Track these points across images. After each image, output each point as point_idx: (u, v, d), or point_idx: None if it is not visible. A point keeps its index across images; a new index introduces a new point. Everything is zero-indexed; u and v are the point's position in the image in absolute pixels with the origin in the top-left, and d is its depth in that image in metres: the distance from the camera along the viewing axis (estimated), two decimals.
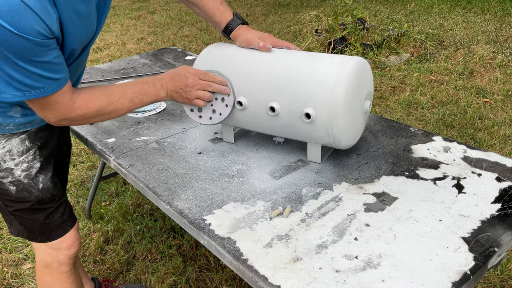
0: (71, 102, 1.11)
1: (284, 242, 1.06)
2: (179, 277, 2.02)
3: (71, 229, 1.41)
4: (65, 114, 1.12)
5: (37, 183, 1.28)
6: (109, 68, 2.24)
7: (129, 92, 1.21)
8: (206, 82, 1.30)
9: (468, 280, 0.93)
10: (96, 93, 1.17)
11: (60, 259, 1.41)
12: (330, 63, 1.26)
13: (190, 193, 1.26)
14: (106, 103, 1.17)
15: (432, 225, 1.09)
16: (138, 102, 1.23)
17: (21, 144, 1.24)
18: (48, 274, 1.44)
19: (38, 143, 1.27)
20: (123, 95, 1.20)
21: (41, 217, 1.32)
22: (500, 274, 1.94)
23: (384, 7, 6.17)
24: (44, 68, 0.99)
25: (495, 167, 1.30)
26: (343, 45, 4.38)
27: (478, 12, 5.65)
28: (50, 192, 1.32)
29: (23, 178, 1.25)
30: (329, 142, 1.29)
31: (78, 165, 2.94)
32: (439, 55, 4.40)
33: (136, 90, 1.23)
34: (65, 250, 1.41)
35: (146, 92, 1.24)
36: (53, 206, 1.34)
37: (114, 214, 2.45)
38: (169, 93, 1.29)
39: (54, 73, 1.02)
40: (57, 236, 1.38)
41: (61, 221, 1.37)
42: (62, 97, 1.08)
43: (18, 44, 0.91)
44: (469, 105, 3.41)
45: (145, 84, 1.25)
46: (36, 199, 1.29)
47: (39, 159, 1.28)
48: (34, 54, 0.95)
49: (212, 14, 1.41)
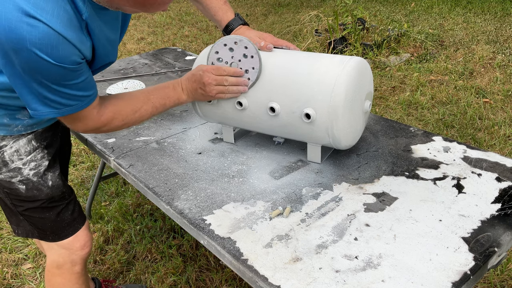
0: (99, 116, 1.16)
1: (284, 242, 1.06)
2: (179, 277, 2.02)
3: (82, 227, 1.42)
4: (93, 126, 1.17)
5: (46, 180, 1.29)
6: (109, 68, 2.24)
7: (152, 98, 1.24)
8: (221, 77, 1.29)
9: (468, 280, 0.93)
10: (121, 103, 1.21)
11: (73, 259, 1.42)
12: (330, 63, 1.26)
13: (190, 193, 1.26)
14: (131, 112, 1.21)
15: (432, 225, 1.09)
16: (160, 107, 1.26)
17: (28, 144, 1.26)
18: (59, 275, 1.44)
19: (44, 143, 1.29)
20: (146, 102, 1.23)
21: (52, 215, 1.33)
22: (500, 274, 1.94)
23: (384, 7, 6.17)
24: (77, 88, 1.04)
25: (495, 167, 1.30)
26: (343, 45, 4.38)
27: (478, 12, 5.66)
28: (60, 190, 1.33)
29: (32, 176, 1.27)
30: (329, 142, 1.29)
31: (78, 165, 2.94)
32: (439, 55, 4.40)
33: (158, 95, 1.25)
34: (78, 250, 1.42)
35: (168, 96, 1.27)
36: (63, 203, 1.35)
37: (114, 214, 2.45)
38: (190, 95, 1.30)
39: (85, 91, 1.07)
40: (68, 235, 1.39)
41: (72, 219, 1.38)
42: (91, 112, 1.13)
43: (54, 72, 0.97)
44: (469, 105, 3.41)
45: (166, 89, 1.27)
46: (46, 197, 1.30)
47: (47, 158, 1.30)
48: (68, 79, 1.01)
49: (214, 12, 1.44)
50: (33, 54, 0.91)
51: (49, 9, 0.90)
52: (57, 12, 0.92)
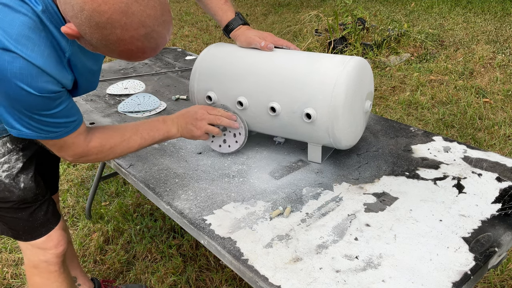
0: (86, 142, 1.15)
1: (285, 242, 1.06)
2: (179, 277, 2.02)
3: (56, 226, 1.41)
4: (81, 154, 1.16)
5: (18, 182, 1.28)
6: (109, 68, 2.24)
7: (140, 129, 1.25)
8: (215, 116, 1.33)
9: (468, 280, 0.93)
10: (109, 131, 1.21)
11: (47, 259, 1.41)
12: (331, 63, 1.26)
13: (190, 193, 1.26)
14: (119, 140, 1.21)
15: (433, 225, 1.09)
16: (149, 138, 1.26)
17: (2, 146, 1.25)
18: (37, 274, 1.44)
19: (20, 145, 1.28)
20: (134, 132, 1.23)
21: (25, 216, 1.32)
22: (500, 274, 1.94)
23: (384, 7, 6.17)
24: (58, 116, 1.04)
25: (495, 167, 1.30)
26: (343, 45, 4.38)
27: (478, 12, 5.66)
28: (32, 191, 1.31)
29: (4, 178, 1.26)
30: (329, 142, 1.29)
31: (78, 165, 2.93)
32: (439, 55, 4.40)
33: (147, 127, 1.26)
34: (52, 249, 1.40)
35: (157, 128, 1.28)
36: (36, 204, 1.34)
37: (114, 214, 2.45)
38: (179, 129, 1.31)
39: (67, 117, 1.07)
40: (42, 234, 1.38)
41: (45, 219, 1.37)
42: (77, 138, 1.13)
43: (35, 101, 0.97)
44: (469, 105, 3.41)
45: (156, 122, 1.29)
46: (18, 198, 1.29)
47: (22, 160, 1.29)
48: (50, 107, 1.01)
49: (214, 12, 1.44)
50: (14, 84, 0.93)
51: (30, 45, 0.92)
52: (38, 48, 0.93)
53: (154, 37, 0.91)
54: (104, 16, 0.84)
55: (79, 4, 0.84)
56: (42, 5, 0.93)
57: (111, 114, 1.74)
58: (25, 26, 0.91)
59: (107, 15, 0.84)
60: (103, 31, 0.87)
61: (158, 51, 0.97)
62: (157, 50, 0.95)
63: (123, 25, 0.86)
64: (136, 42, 0.90)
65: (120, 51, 0.92)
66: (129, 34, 0.88)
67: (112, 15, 0.84)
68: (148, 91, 1.94)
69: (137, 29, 0.88)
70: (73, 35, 0.91)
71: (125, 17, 0.85)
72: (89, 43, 0.93)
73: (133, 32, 0.88)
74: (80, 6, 0.84)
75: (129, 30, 0.87)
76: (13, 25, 0.90)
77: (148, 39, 0.91)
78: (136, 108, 1.76)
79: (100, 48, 0.92)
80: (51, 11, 0.94)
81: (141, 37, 0.89)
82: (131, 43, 0.89)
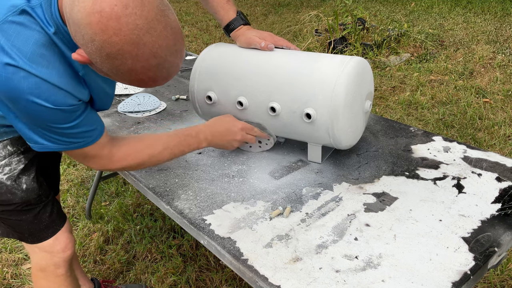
0: (110, 155, 1.15)
1: (284, 242, 1.06)
2: (179, 277, 2.02)
3: (62, 228, 1.40)
4: (105, 166, 1.17)
5: (20, 184, 1.27)
6: None
7: (171, 145, 1.24)
8: (251, 137, 1.36)
9: (468, 280, 0.93)
10: (138, 146, 1.20)
11: (55, 262, 1.40)
12: (331, 63, 1.26)
13: (190, 193, 1.26)
14: (147, 157, 1.20)
15: (432, 225, 1.09)
16: (178, 153, 1.26)
17: (3, 149, 1.24)
18: (44, 278, 1.43)
19: (21, 148, 1.27)
20: (165, 148, 1.22)
21: (29, 218, 1.31)
22: (500, 274, 1.94)
23: (384, 7, 6.17)
24: (79, 126, 1.05)
25: (495, 167, 1.30)
26: (343, 45, 4.38)
27: (478, 12, 5.66)
28: (35, 192, 1.30)
29: (6, 180, 1.25)
30: (329, 142, 1.29)
31: (78, 165, 2.94)
32: (439, 55, 4.40)
33: (178, 142, 1.25)
34: (60, 253, 1.40)
35: (188, 144, 1.27)
36: (40, 205, 1.33)
37: (114, 214, 2.45)
38: (210, 144, 1.33)
39: (88, 126, 1.08)
40: (48, 236, 1.37)
41: (51, 221, 1.36)
42: (100, 150, 1.13)
43: (54, 115, 0.99)
44: (469, 105, 3.41)
45: (188, 137, 1.27)
46: (21, 200, 1.28)
47: (23, 162, 1.28)
48: (68, 120, 1.02)
49: (216, 10, 1.43)
50: (31, 101, 0.93)
51: (44, 62, 0.93)
52: (53, 65, 0.94)
53: (166, 67, 0.90)
54: (115, 47, 0.83)
55: (89, 35, 0.83)
56: (54, 27, 0.93)
57: (111, 114, 1.74)
58: (39, 44, 0.92)
59: (118, 47, 0.83)
60: (114, 61, 0.86)
61: (170, 79, 0.96)
62: (168, 78, 0.94)
63: (134, 56, 0.85)
64: (147, 72, 0.89)
65: (131, 80, 0.91)
66: (140, 65, 0.87)
67: (123, 46, 0.83)
68: (148, 91, 1.94)
69: (149, 60, 0.86)
70: (84, 61, 0.91)
71: (137, 48, 0.84)
72: (99, 70, 0.93)
73: (144, 63, 0.86)
74: (91, 36, 0.83)
75: (140, 61, 0.86)
76: (28, 43, 0.91)
77: (160, 69, 0.90)
78: (136, 108, 1.76)
79: (111, 76, 0.92)
80: (63, 32, 0.94)
81: (153, 67, 0.88)
82: (142, 73, 0.89)
